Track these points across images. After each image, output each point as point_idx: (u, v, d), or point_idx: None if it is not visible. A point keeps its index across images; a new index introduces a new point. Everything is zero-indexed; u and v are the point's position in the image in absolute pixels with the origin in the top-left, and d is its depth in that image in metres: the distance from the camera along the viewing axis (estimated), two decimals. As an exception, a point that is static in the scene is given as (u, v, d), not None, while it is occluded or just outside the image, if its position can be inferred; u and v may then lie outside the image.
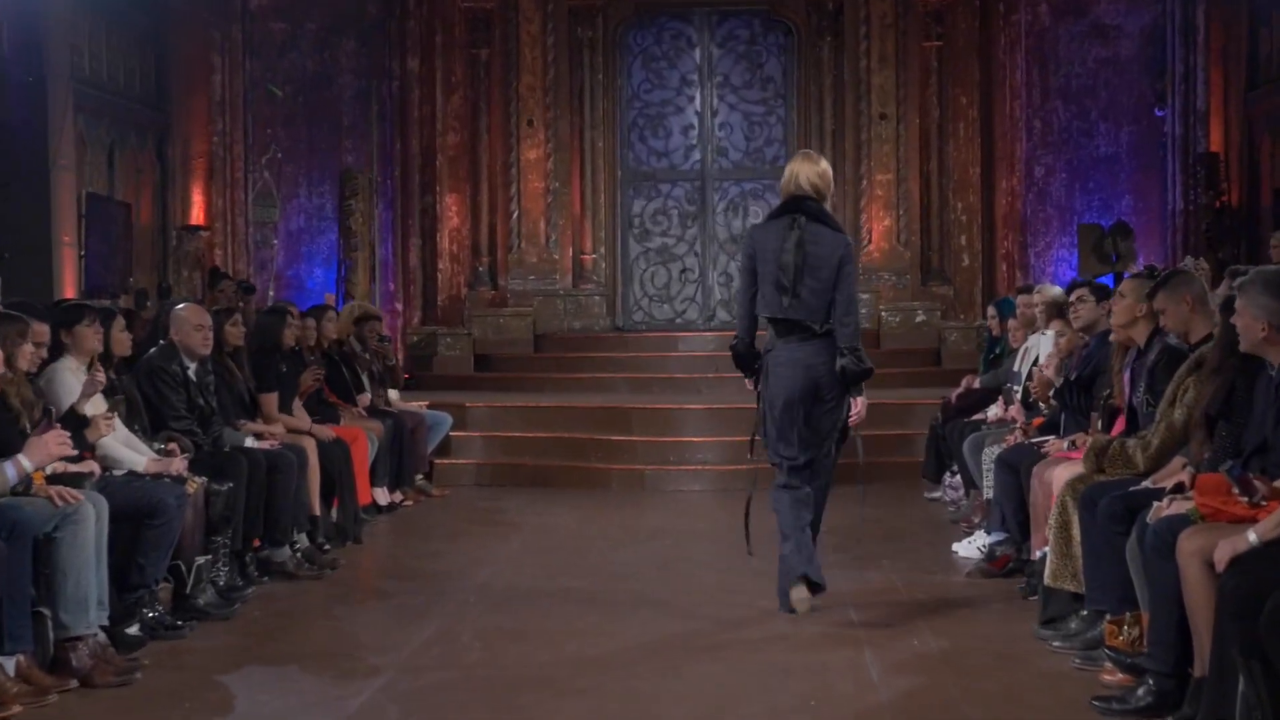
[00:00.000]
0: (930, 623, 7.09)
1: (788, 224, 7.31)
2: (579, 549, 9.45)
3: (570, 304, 16.81)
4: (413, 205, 17.11)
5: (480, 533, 10.28)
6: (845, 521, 9.40)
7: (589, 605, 7.65)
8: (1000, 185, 16.64)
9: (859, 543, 9.34)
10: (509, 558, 9.13)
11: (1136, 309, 7.00)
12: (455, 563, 8.99)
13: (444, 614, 7.43)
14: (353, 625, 7.32)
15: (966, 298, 16.83)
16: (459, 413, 13.28)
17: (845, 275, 7.24)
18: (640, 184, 17.36)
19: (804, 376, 7.32)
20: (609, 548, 9.50)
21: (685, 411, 13.12)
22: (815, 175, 7.39)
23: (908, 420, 13.02)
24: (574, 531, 10.24)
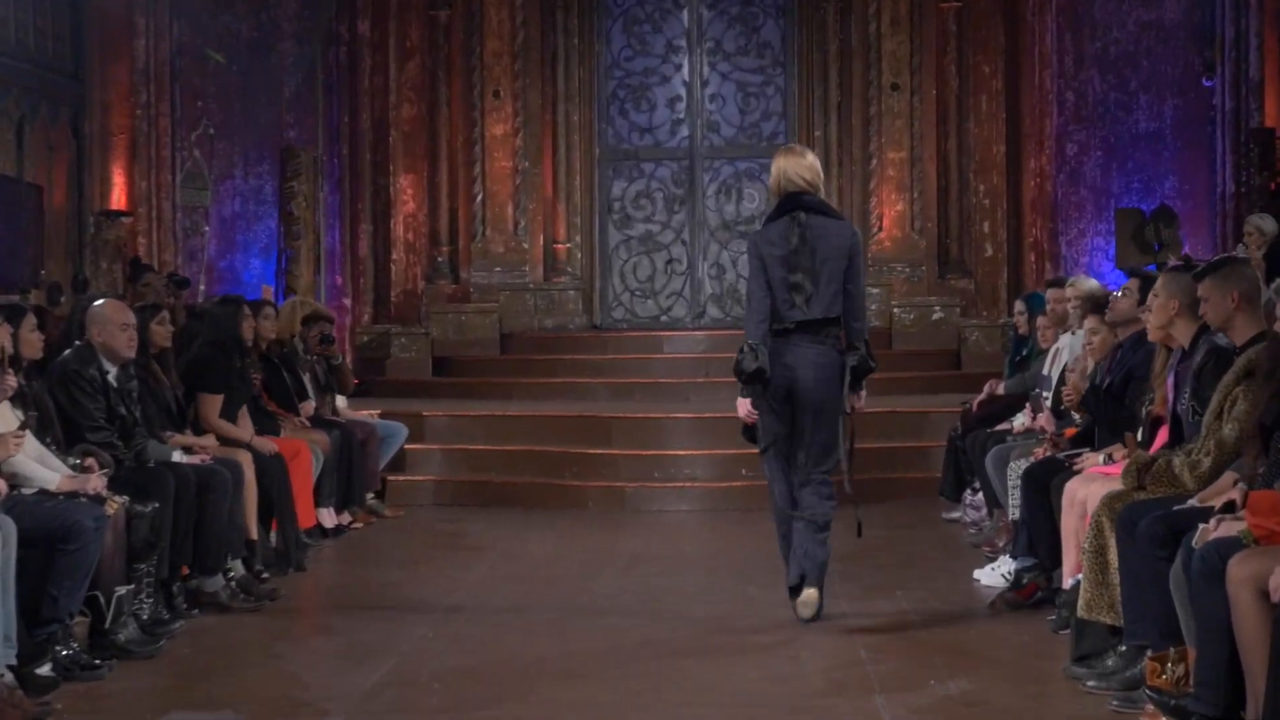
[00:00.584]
0: (949, 660, 7.10)
1: (789, 223, 7.84)
2: (551, 577, 9.44)
3: (541, 299, 16.81)
4: (363, 187, 17.08)
5: (440, 559, 10.26)
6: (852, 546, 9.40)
7: (563, 641, 7.64)
8: (1028, 165, 16.66)
9: (869, 570, 9.34)
10: (472, 587, 9.12)
11: (1171, 307, 7.02)
12: (411, 593, 8.97)
13: (399, 652, 7.42)
14: (295, 665, 7.30)
15: (989, 292, 16.86)
16: (415, 423, 13.26)
17: (856, 267, 7.86)
18: (621, 163, 17.37)
19: (801, 376, 7.84)
20: (585, 576, 9.49)
21: (671, 421, 13.12)
22: (805, 169, 7.93)
23: (923, 431, 13.04)
24: (546, 557, 10.23)
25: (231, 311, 9.86)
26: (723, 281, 17.17)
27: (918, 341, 16.00)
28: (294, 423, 10.93)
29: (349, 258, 17.00)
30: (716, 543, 10.82)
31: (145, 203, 16.17)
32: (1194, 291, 6.88)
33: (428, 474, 13.08)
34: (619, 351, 15.89)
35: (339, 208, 16.90)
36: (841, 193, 16.76)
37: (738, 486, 12.17)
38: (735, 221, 17.17)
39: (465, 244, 17.07)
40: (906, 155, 16.59)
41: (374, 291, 17.26)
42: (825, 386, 7.86)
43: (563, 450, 12.93)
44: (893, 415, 13.16)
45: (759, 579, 8.95)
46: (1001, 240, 16.87)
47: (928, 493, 11.82)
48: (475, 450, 13.26)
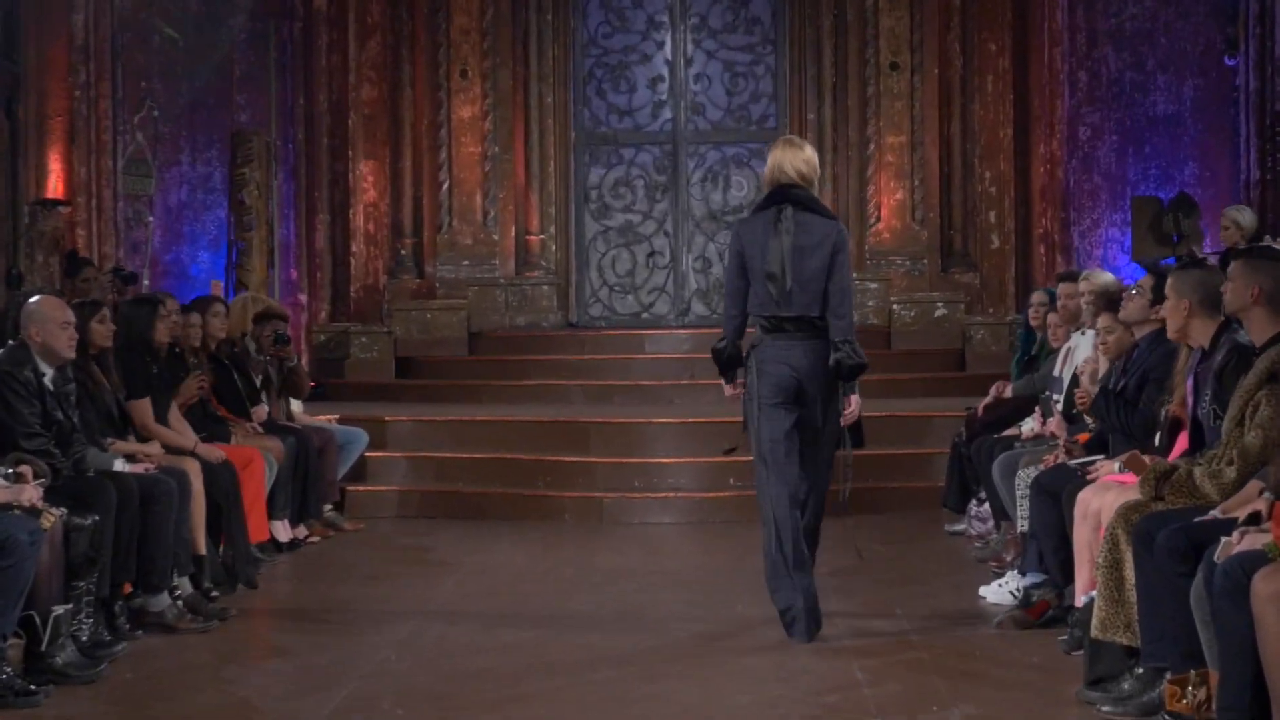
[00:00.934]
0: (953, 684, 7.11)
1: (774, 215, 8.15)
2: (524, 595, 9.44)
3: (513, 295, 16.81)
4: (320, 175, 17.06)
5: (403, 575, 10.25)
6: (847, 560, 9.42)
7: (536, 662, 7.63)
8: (1037, 150, 16.68)
9: (866, 586, 9.35)
10: (439, 606, 9.11)
11: (1183, 308, 7.04)
12: (373, 613, 8.96)
13: (359, 675, 7.41)
14: (246, 690, 7.29)
15: (996, 287, 16.89)
16: (377, 428, 13.25)
17: (839, 264, 8.11)
18: (599, 148, 17.37)
19: (792, 375, 8.13)
20: (561, 593, 9.49)
21: (654, 427, 13.12)
22: (801, 163, 8.23)
23: (924, 437, 13.06)
24: (518, 573, 10.23)
25: (145, 312, 9.81)
26: (709, 276, 17.18)
27: (919, 340, 16.02)
28: (245, 428, 10.92)
29: (305, 250, 16.97)
30: (702, 557, 10.82)
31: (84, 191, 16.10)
32: (1206, 287, 6.91)
33: (390, 484, 13.06)
34: (597, 351, 15.89)
35: (294, 197, 16.87)
36: (837, 180, 16.78)
37: (725, 497, 12.17)
38: (722, 211, 17.18)
39: (430, 236, 17.06)
40: (906, 140, 16.60)
41: (332, 287, 17.24)
42: (829, 383, 8.18)
43: (536, 458, 12.92)
44: (892, 420, 13.16)
45: (748, 596, 8.95)
46: (1009, 231, 16.90)
47: (930, 504, 11.83)
48: (441, 458, 13.25)
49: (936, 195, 16.78)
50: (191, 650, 8.09)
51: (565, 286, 17.17)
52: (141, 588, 8.40)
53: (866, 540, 11.06)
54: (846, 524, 11.39)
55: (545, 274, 17.03)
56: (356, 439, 12.50)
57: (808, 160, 8.25)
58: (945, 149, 16.85)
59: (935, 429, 12.96)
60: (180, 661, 7.83)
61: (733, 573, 9.85)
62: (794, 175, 8.20)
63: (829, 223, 8.23)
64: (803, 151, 8.28)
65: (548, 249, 17.13)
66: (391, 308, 16.71)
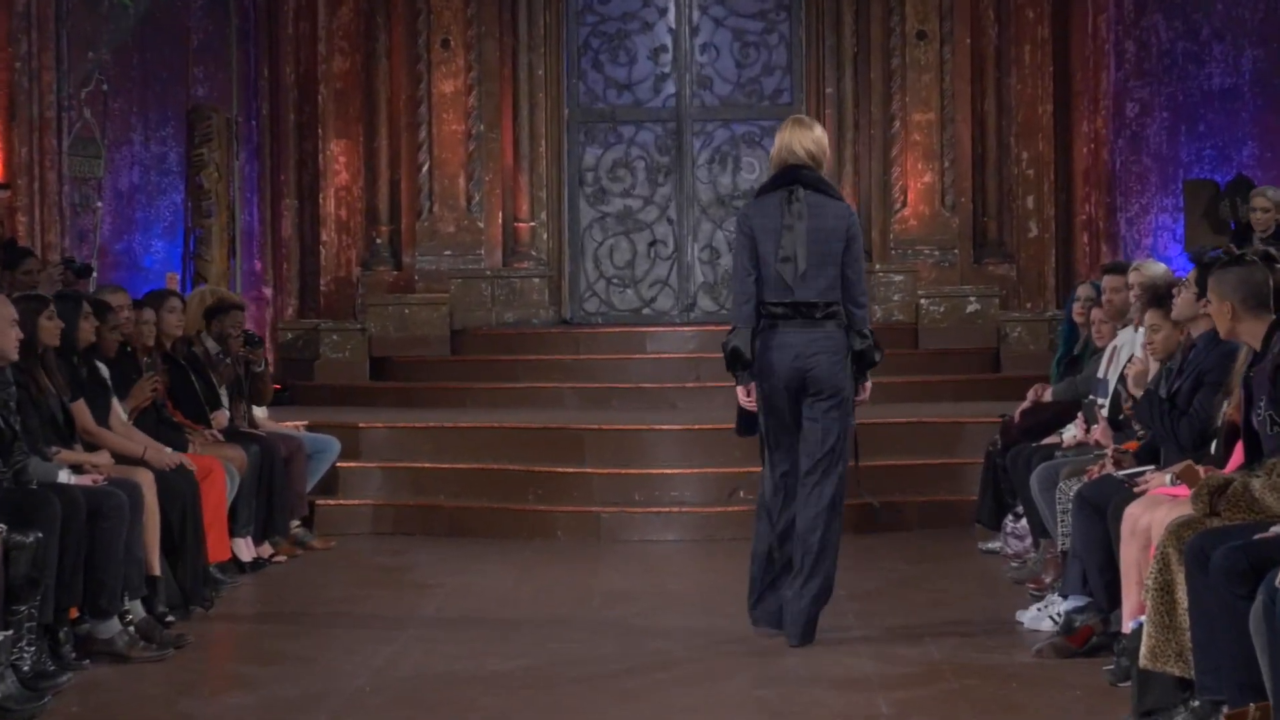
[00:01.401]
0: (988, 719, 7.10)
1: (784, 197, 8.58)
2: (512, 621, 9.44)
3: (500, 289, 16.80)
4: (286, 155, 17.06)
5: (378, 599, 10.25)
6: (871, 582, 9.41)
7: (525, 696, 7.64)
8: (1080, 129, 16.69)
9: (892, 611, 9.34)
10: (417, 633, 9.12)
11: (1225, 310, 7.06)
12: (345, 640, 8.97)
13: (329, 709, 7.41)
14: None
15: (1034, 280, 16.89)
16: (350, 436, 13.25)
17: (855, 249, 8.62)
18: (595, 126, 17.37)
19: (798, 365, 8.54)
20: (553, 618, 9.49)
21: (655, 434, 13.12)
22: (810, 143, 8.68)
23: (956, 445, 13.06)
24: (505, 597, 10.23)
25: (69, 309, 9.78)
26: (716, 268, 17.17)
27: (949, 339, 16.01)
28: (204, 436, 10.91)
29: (270, 239, 16.97)
30: (709, 578, 10.82)
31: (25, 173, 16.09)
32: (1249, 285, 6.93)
33: (364, 497, 13.06)
34: (593, 351, 15.89)
35: (257, 179, 16.86)
36: (858, 161, 16.79)
37: (735, 512, 12.16)
38: (731, 196, 17.17)
39: (409, 223, 17.05)
40: (935, 117, 16.60)
41: (300, 279, 17.23)
42: (838, 372, 8.56)
43: (526, 469, 12.92)
44: (919, 427, 13.16)
45: (760, 622, 8.95)
46: (1049, 218, 16.90)
47: (961, 519, 11.84)
48: (421, 469, 13.24)
49: (968, 178, 16.77)
50: (145, 681, 8.08)
51: (558, 279, 17.17)
52: (89, 612, 8.39)
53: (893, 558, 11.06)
54: (869, 542, 11.39)
55: (536, 265, 17.02)
56: (327, 448, 12.50)
57: (817, 140, 8.69)
58: (978, 127, 16.85)
59: (967, 437, 12.95)
60: (132, 693, 7.83)
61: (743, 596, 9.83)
62: (803, 156, 8.62)
63: (841, 205, 8.72)
64: (812, 131, 8.71)
65: (538, 238, 17.13)
66: (366, 302, 16.69)
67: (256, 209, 16.85)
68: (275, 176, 17.02)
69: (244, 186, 16.69)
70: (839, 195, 8.87)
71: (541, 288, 16.93)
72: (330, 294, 17.23)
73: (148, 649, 8.53)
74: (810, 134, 8.70)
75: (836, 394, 8.56)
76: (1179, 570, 6.59)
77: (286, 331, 16.76)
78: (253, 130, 16.83)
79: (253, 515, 11.06)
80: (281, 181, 17.07)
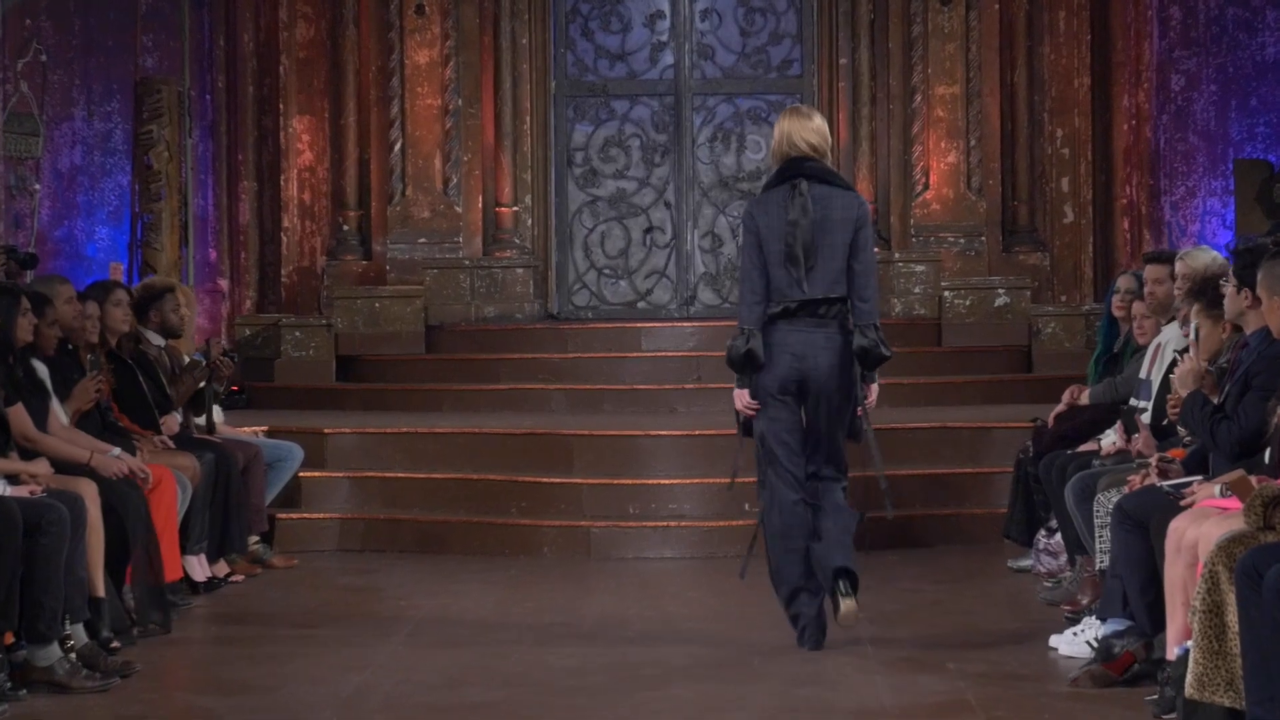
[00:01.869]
0: (1017, 754, 7.12)
1: (789, 191, 8.99)
2: (493, 648, 9.43)
3: (481, 280, 16.80)
4: (244, 132, 17.05)
5: (345, 623, 10.24)
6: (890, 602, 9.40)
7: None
8: (1120, 103, 16.69)
9: (912, 635, 9.35)
10: (389, 661, 9.11)
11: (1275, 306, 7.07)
12: (308, 669, 8.96)
13: (292, 744, 7.41)
14: (154, 762, 7.30)
15: (1070, 270, 16.90)
16: (314, 443, 13.25)
17: (863, 241, 9.01)
18: (585, 101, 17.36)
19: (800, 365, 8.96)
20: (538, 646, 9.48)
21: (652, 440, 13.12)
22: (811, 133, 9.06)
23: (983, 453, 13.06)
24: (485, 621, 10.22)
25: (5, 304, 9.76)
26: (719, 257, 17.17)
27: (975, 335, 16.01)
28: (153, 443, 10.89)
29: (226, 226, 16.96)
30: (713, 600, 10.82)
31: (-44, 152, 16.12)
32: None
33: (330, 510, 13.06)
34: (583, 349, 15.89)
35: (212, 160, 16.85)
36: (875, 140, 16.79)
37: (739, 527, 12.14)
38: (735, 177, 17.18)
39: (379, 208, 17.05)
40: (960, 90, 16.59)
41: (259, 270, 17.23)
42: (838, 374, 8.97)
43: (509, 479, 12.92)
44: (942, 433, 13.17)
45: (768, 647, 8.95)
46: (1085, 201, 16.91)
47: (989, 534, 11.86)
48: (393, 479, 13.25)
49: (997, 158, 16.77)
50: (87, 713, 8.06)
51: (544, 270, 17.16)
52: (26, 637, 8.38)
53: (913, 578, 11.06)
54: (887, 559, 11.40)
55: (519, 254, 17.02)
56: (289, 456, 12.49)
57: (818, 130, 9.08)
58: (1007, 101, 16.85)
59: (996, 444, 12.96)
60: (73, 727, 7.83)
61: (749, 620, 9.85)
62: (805, 148, 9.03)
63: (849, 194, 9.14)
64: (811, 121, 9.10)
65: (523, 224, 17.12)
66: (332, 295, 16.69)
67: (211, 192, 16.84)
68: (232, 156, 17.02)
69: (197, 167, 16.68)
70: (848, 185, 9.32)
71: (526, 279, 16.92)
72: (292, 286, 17.22)
73: (91, 678, 8.52)
74: (810, 124, 9.09)
75: (841, 394, 9.00)
76: (1229, 590, 6.60)
77: (244, 327, 16.75)
78: (207, 105, 16.82)
79: (206, 530, 11.04)
80: (239, 162, 17.06)
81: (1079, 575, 9.84)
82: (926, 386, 14.75)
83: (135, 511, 9.65)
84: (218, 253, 16.88)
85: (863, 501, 9.77)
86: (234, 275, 17.01)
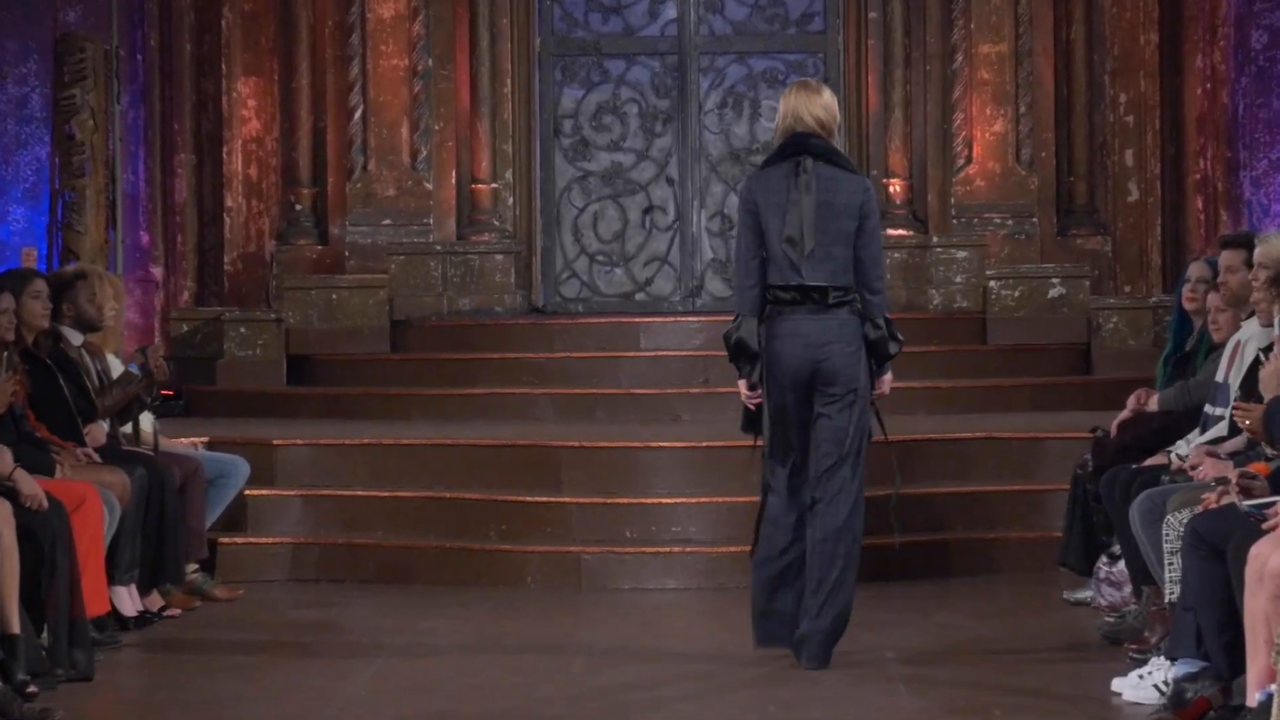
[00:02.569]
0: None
1: (792, 168, 9.52)
2: (470, 691, 9.45)
3: (455, 268, 16.80)
4: (181, 98, 17.06)
5: (297, 664, 10.24)
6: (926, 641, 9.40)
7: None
8: (1192, 64, 16.70)
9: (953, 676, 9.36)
10: (348, 707, 9.13)
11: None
12: (253, 716, 8.95)
13: (236, 805, 7.42)
14: (77, 825, 7.30)
15: (1134, 256, 16.92)
16: (262, 456, 13.26)
17: (871, 228, 9.59)
18: (574, 61, 17.37)
19: (808, 356, 9.48)
20: (522, 689, 9.49)
21: (652, 454, 13.12)
22: (820, 109, 9.59)
23: (1035, 468, 13.07)
24: (460, 662, 10.23)
25: None
26: (728, 241, 17.15)
27: (1026, 332, 16.02)
28: (76, 456, 10.88)
29: (160, 205, 16.97)
30: (722, 638, 10.81)
31: None
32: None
33: (280, 534, 13.07)
34: (572, 347, 15.91)
35: (144, 129, 16.85)
36: (909, 106, 16.81)
37: (753, 552, 12.18)
38: (748, 149, 17.19)
39: (337, 184, 17.06)
40: (1008, 49, 16.61)
41: (198, 256, 17.24)
42: (849, 365, 9.53)
43: (487, 497, 12.94)
44: (987, 444, 13.16)
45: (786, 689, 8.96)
46: (1153, 177, 16.93)
47: (1042, 561, 11.87)
48: (353, 498, 13.26)
49: (1050, 127, 16.80)
50: (-1, 769, 8.09)
51: (528, 256, 17.18)
52: (-71, 681, 8.40)
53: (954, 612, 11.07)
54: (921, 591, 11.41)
55: (499, 238, 17.03)
56: (232, 471, 12.48)
57: (826, 106, 9.62)
58: (1063, 61, 16.88)
59: (1050, 457, 12.97)
60: (-17, 785, 7.84)
61: (763, 659, 9.85)
62: (812, 123, 9.56)
63: (855, 178, 9.72)
64: (820, 96, 9.64)
65: (503, 202, 17.13)
66: (282, 286, 16.69)
67: (142, 166, 16.85)
68: (166, 125, 17.02)
69: (126, 138, 16.66)
70: (854, 168, 9.93)
71: (506, 267, 16.94)
72: (236, 275, 17.23)
73: (4, 728, 8.54)
74: (819, 99, 9.60)
75: (851, 389, 9.51)
76: (1320, 627, 6.60)
77: (181, 322, 16.75)
78: (138, 66, 16.82)
79: (138, 557, 11.04)
80: (175, 132, 17.07)
81: (1145, 609, 9.85)
82: (969, 391, 14.76)
83: (56, 535, 9.64)
84: (150, 236, 16.87)
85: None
86: (169, 262, 17.00)
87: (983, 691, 9.16)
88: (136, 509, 10.98)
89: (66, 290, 11.86)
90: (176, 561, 11.53)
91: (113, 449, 11.38)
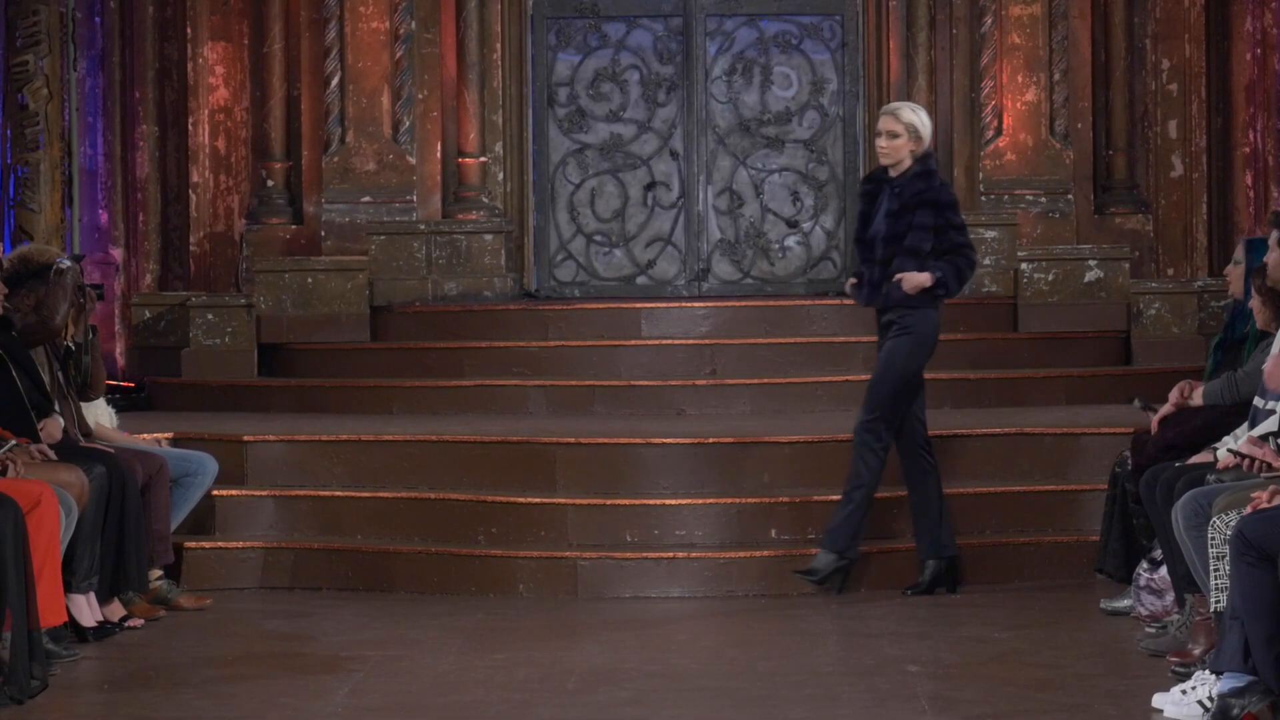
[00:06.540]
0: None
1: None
2: (455, 712, 9.47)
3: (440, 249, 16.81)
4: (143, 64, 17.07)
5: (270, 679, 10.27)
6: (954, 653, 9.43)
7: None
8: (1242, 27, 16.70)
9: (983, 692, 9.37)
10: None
11: None
12: (224, 735, 9.00)
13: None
14: None
15: (1177, 236, 16.93)
16: (232, 453, 13.28)
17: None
18: (570, 24, 17.38)
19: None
20: (513, 708, 9.51)
21: (654, 450, 13.14)
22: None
23: (1070, 467, 13.09)
24: (445, 678, 10.25)
25: None
26: (738, 220, 17.19)
27: (1061, 319, 16.02)
28: (29, 453, 10.90)
29: (120, 181, 16.98)
30: (731, 652, 10.84)
31: None
32: None
33: (251, 538, 13.10)
34: (568, 335, 15.92)
35: (103, 98, 16.87)
36: (934, 73, 16.80)
37: (764, 558, 12.20)
38: (759, 120, 17.20)
39: (312, 158, 17.07)
40: (1041, 10, 16.61)
41: (162, 236, 17.25)
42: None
43: (475, 498, 12.95)
44: (1019, 440, 13.18)
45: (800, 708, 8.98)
46: (1198, 150, 16.93)
47: (1077, 567, 11.91)
48: (330, 499, 13.29)
49: (1087, 96, 16.81)
50: (-53, 793, 8.12)
51: (520, 235, 17.20)
52: None
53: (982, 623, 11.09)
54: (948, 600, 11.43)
55: (489, 217, 17.04)
56: (199, 469, 12.50)
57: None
58: (1101, 24, 16.88)
59: (1086, 454, 12.99)
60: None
61: (778, 676, 9.87)
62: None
63: None
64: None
65: (492, 178, 17.15)
66: (253, 268, 16.70)
67: (101, 139, 16.87)
68: (127, 94, 17.04)
69: (84, 108, 16.69)
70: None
71: (496, 248, 16.94)
72: (203, 256, 17.24)
73: (-48, 748, 8.57)
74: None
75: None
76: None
77: (144, 309, 16.76)
78: (96, 30, 16.84)
79: (97, 563, 11.06)
80: (136, 101, 17.08)
81: (1189, 619, 9.87)
82: (999, 382, 14.77)
83: (8, 539, 9.66)
84: (110, 214, 16.90)
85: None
86: (130, 243, 17.02)
87: (1013, 710, 9.19)
88: (96, 511, 10.99)
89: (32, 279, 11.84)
90: (139, 568, 11.55)
91: (70, 445, 11.39)
